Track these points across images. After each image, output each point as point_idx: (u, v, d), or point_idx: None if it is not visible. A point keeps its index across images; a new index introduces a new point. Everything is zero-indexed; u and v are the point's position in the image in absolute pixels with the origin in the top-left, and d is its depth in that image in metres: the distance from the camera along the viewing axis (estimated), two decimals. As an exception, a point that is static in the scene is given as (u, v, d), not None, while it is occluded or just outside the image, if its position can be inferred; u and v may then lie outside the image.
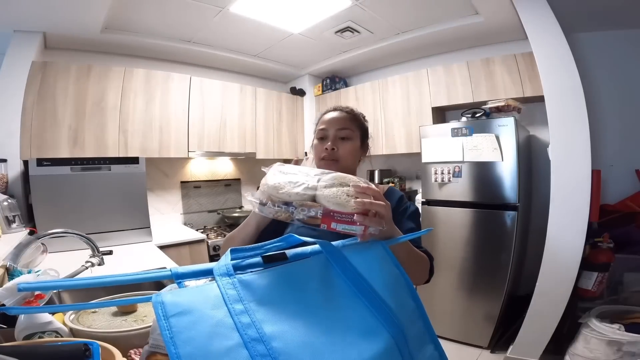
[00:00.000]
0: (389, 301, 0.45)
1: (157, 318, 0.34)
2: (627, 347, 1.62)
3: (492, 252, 2.21)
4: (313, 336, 0.38)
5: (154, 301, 0.36)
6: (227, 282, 0.40)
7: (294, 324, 0.38)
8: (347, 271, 0.46)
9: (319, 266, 0.46)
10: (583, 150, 1.82)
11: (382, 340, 0.41)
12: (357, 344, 0.40)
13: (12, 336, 0.67)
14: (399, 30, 2.67)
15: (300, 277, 0.44)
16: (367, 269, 0.47)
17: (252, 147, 3.24)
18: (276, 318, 0.38)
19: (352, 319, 0.42)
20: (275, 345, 0.36)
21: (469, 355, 2.20)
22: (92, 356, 0.53)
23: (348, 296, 0.44)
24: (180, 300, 0.36)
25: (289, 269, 0.45)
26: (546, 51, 1.92)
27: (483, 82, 2.52)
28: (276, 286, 0.42)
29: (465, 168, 2.30)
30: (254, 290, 0.40)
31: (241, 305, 0.38)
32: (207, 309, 0.36)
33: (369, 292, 0.45)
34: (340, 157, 0.90)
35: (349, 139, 0.92)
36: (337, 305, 0.43)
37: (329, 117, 0.94)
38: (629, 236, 2.01)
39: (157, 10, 2.23)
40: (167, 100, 2.70)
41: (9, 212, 1.79)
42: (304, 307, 0.41)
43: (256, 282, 0.41)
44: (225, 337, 0.35)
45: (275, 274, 0.43)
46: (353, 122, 0.94)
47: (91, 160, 2.18)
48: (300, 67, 3.57)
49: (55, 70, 2.24)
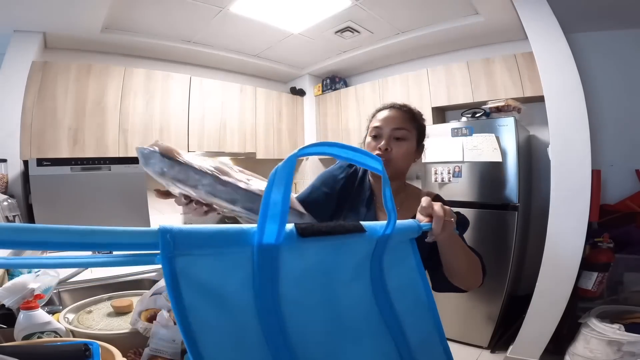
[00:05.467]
0: (400, 301, 0.46)
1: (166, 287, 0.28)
2: (627, 347, 1.62)
3: (492, 252, 2.21)
4: (327, 332, 0.39)
5: (161, 262, 0.28)
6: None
7: (315, 317, 0.38)
8: (376, 281, 0.45)
9: (358, 256, 0.44)
10: (583, 150, 1.82)
11: (385, 344, 0.43)
12: (362, 344, 0.41)
13: (12, 336, 0.68)
14: (399, 30, 2.67)
15: (337, 262, 0.42)
16: (396, 281, 0.47)
17: (252, 147, 3.23)
18: (301, 309, 0.37)
19: (362, 321, 0.43)
20: (294, 340, 0.35)
21: (469, 355, 2.20)
22: (92, 356, 0.53)
23: (365, 299, 0.44)
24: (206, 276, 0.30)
25: (330, 249, 0.41)
26: (546, 51, 1.92)
27: (483, 82, 2.52)
28: (314, 265, 0.39)
29: (465, 168, 2.30)
30: (291, 266, 0.36)
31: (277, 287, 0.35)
32: (236, 284, 0.32)
33: (387, 309, 0.45)
34: (393, 159, 0.83)
35: (404, 139, 0.84)
36: (353, 303, 0.43)
37: (385, 115, 0.86)
38: (629, 236, 2.01)
39: (157, 10, 2.23)
40: (167, 100, 2.70)
41: (9, 212, 1.79)
42: (327, 299, 0.40)
43: (295, 253, 0.37)
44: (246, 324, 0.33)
45: (319, 247, 0.39)
46: (410, 122, 0.86)
47: (91, 160, 2.18)
48: (300, 67, 3.57)
49: (55, 70, 2.24)
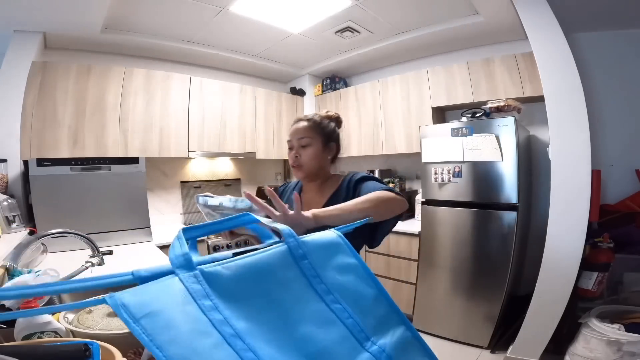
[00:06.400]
0: (342, 294, 0.47)
1: (124, 322, 0.30)
2: (627, 347, 1.62)
3: (492, 252, 2.21)
4: (276, 332, 0.39)
5: (112, 304, 0.31)
6: (190, 276, 0.38)
7: (260, 320, 0.39)
8: (305, 269, 0.47)
9: (279, 257, 0.46)
10: (583, 150, 1.82)
11: (336, 331, 0.44)
12: (314, 334, 0.41)
13: (12, 336, 0.68)
14: (399, 30, 2.67)
15: (263, 268, 0.44)
16: (322, 262, 0.49)
17: (252, 147, 3.24)
18: (244, 314, 0.38)
19: (309, 312, 0.44)
20: (249, 342, 0.35)
21: (469, 355, 2.20)
22: (92, 356, 0.53)
23: (305, 290, 0.46)
24: (145, 299, 0.33)
25: (253, 260, 0.44)
26: (546, 51, 1.92)
27: (483, 82, 2.52)
28: (240, 279, 0.41)
29: (465, 168, 2.30)
30: (219, 284, 0.39)
31: (209, 301, 0.36)
32: (178, 306, 0.34)
33: (322, 288, 0.47)
34: (303, 163, 1.07)
35: (309, 145, 1.07)
36: (296, 298, 0.44)
37: (292, 129, 1.11)
38: (629, 236, 2.01)
39: (157, 10, 2.23)
40: (167, 100, 2.70)
41: (9, 212, 1.78)
42: (267, 302, 0.41)
43: (220, 274, 0.39)
44: (206, 334, 0.33)
45: (239, 265, 0.42)
46: (312, 130, 1.08)
47: (91, 160, 2.18)
48: (300, 67, 3.57)
49: (55, 70, 2.24)
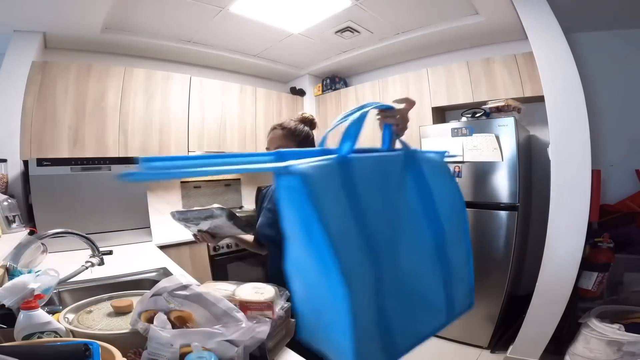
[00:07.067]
0: (442, 210, 0.56)
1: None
2: (627, 347, 1.62)
3: (492, 252, 2.21)
4: (382, 238, 0.47)
5: (292, 170, 0.40)
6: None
7: (377, 221, 0.46)
8: (420, 185, 0.55)
9: (399, 166, 0.54)
10: (583, 150, 1.82)
11: (427, 241, 0.54)
12: (410, 236, 0.51)
13: (12, 336, 0.67)
14: (399, 30, 2.67)
15: (387, 170, 0.51)
16: (438, 188, 0.57)
17: (252, 147, 3.23)
18: (370, 211, 0.46)
19: (410, 220, 0.52)
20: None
21: (469, 355, 2.20)
22: (92, 356, 0.53)
23: (413, 202, 0.54)
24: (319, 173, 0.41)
25: (382, 159, 0.52)
26: (546, 51, 1.92)
27: (483, 82, 2.52)
28: (371, 176, 0.48)
29: (465, 168, 2.30)
30: (359, 175, 0.46)
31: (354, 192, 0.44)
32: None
33: (430, 210, 0.55)
34: None
35: None
36: (403, 204, 0.52)
37: (269, 138, 1.15)
38: (629, 236, 2.01)
39: (157, 10, 2.23)
40: (167, 100, 2.69)
41: (9, 212, 1.78)
42: (383, 207, 0.48)
43: (359, 165, 0.46)
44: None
45: (372, 162, 0.49)
46: (286, 138, 1.11)
47: (91, 160, 2.18)
48: (300, 67, 3.57)
49: (55, 70, 2.24)
